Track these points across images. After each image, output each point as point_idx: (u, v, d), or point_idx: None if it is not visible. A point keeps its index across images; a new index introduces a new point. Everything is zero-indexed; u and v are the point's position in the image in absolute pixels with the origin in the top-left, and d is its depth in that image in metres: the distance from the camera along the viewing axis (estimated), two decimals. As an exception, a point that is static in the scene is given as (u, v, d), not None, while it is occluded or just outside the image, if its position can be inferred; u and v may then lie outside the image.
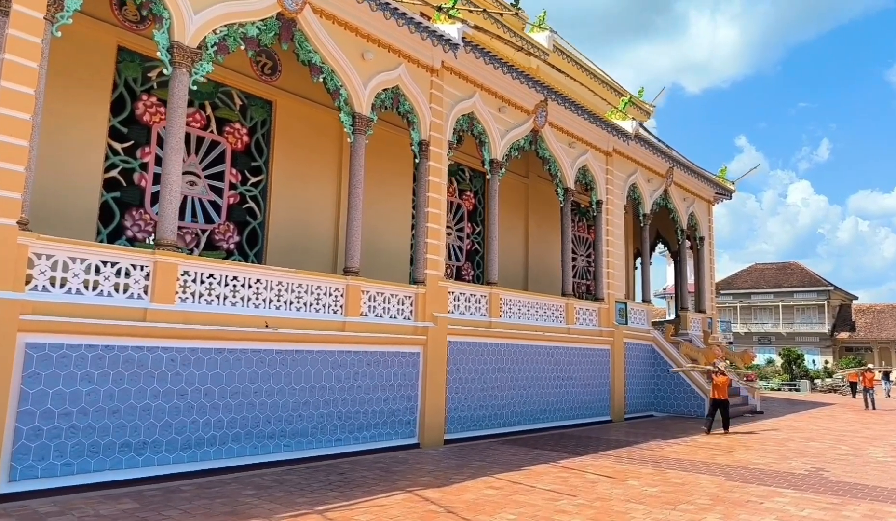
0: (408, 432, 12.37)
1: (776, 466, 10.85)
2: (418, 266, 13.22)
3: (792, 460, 11.56)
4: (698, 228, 25.60)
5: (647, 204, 21.87)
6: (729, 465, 10.80)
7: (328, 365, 10.99)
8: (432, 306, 13.14)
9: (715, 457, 11.68)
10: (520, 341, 15.54)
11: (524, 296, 16.23)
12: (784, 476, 9.86)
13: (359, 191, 11.95)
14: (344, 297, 11.51)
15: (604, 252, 19.45)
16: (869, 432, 16.42)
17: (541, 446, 12.69)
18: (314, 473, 9.25)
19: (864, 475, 10.14)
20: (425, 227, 13.29)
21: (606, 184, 19.73)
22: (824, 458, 11.89)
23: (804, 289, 67.88)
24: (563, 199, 18.01)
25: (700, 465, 10.72)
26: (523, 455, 11.36)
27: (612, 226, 19.90)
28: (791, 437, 15.09)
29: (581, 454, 11.66)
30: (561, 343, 17.02)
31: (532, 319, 16.28)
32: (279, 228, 13.80)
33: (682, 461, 11.05)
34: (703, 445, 13.22)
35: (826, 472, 10.35)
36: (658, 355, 20.91)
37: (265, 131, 13.90)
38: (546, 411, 16.12)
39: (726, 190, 26.71)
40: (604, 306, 19.07)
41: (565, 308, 17.51)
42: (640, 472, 9.91)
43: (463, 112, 14.47)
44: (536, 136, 16.81)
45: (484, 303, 14.79)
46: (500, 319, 15.12)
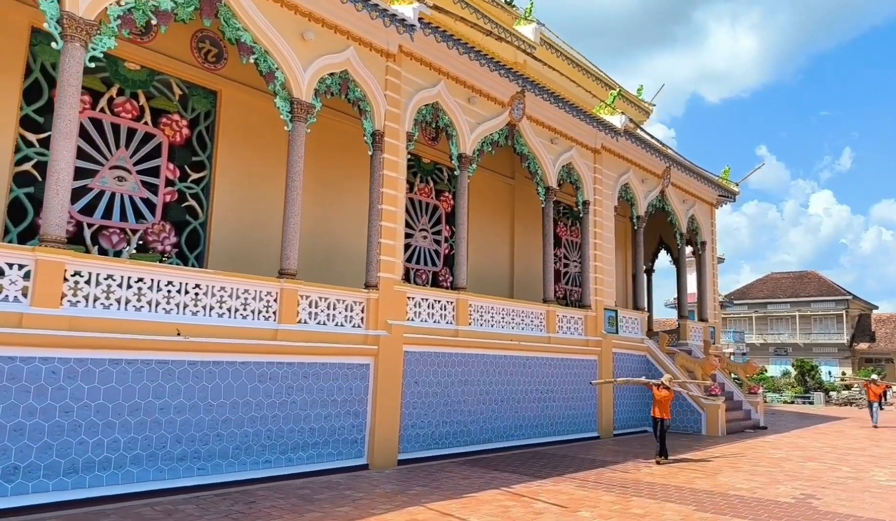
0: (354, 452, 11.15)
1: (761, 492, 9.48)
2: (371, 269, 12.04)
3: (781, 484, 10.18)
4: (699, 232, 24.19)
5: (641, 206, 20.54)
6: (707, 491, 9.45)
7: (255, 378, 9.81)
8: (386, 313, 11.94)
9: (694, 481, 10.32)
10: (492, 351, 14.29)
11: (498, 302, 14.98)
12: (765, 506, 8.51)
13: (297, 184, 10.81)
14: (277, 302, 10.35)
15: (590, 256, 18.14)
16: (877, 451, 14.91)
17: (504, 467, 11.40)
18: (219, 502, 8.07)
19: (860, 504, 8.75)
20: (379, 225, 12.12)
21: (594, 183, 18.44)
22: (819, 482, 10.49)
23: (822, 298, 65.70)
24: (545, 198, 16.77)
25: (673, 491, 9.39)
26: (476, 479, 10.10)
27: (601, 228, 18.59)
28: (789, 456, 13.65)
29: (544, 477, 10.37)
30: (541, 354, 15.73)
31: (507, 327, 15.01)
32: (224, 229, 12.71)
33: (654, 486, 9.72)
34: (686, 467, 11.86)
35: (816, 500, 8.97)
36: (653, 367, 19.50)
37: (209, 124, 12.84)
38: (522, 427, 14.81)
39: (730, 192, 25.29)
40: (591, 313, 17.74)
41: (546, 316, 16.22)
42: (600, 500, 8.61)
43: (425, 101, 13.31)
44: (513, 130, 15.61)
45: (450, 310, 13.56)
46: (469, 327, 13.87)
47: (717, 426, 17.95)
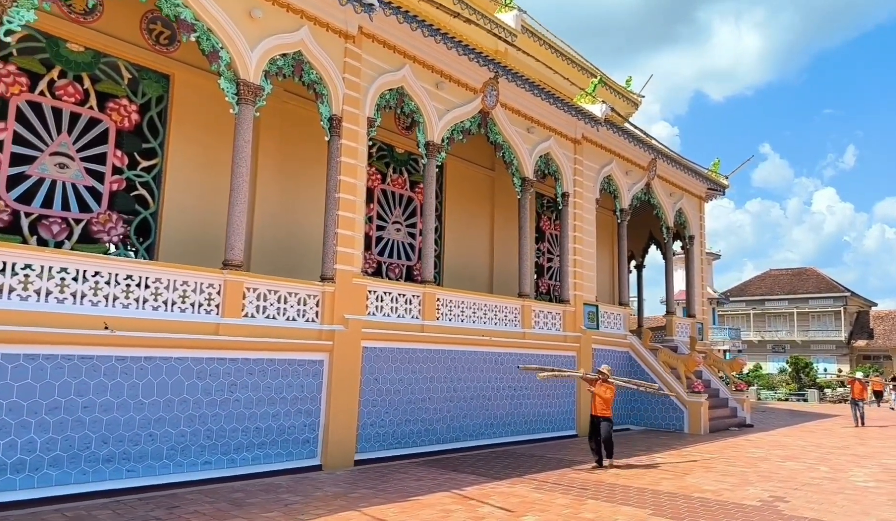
0: (306, 452, 10.60)
1: (727, 494, 8.92)
2: (327, 261, 11.49)
3: (752, 486, 9.62)
4: (687, 226, 23.61)
5: (625, 198, 19.96)
6: (670, 493, 8.89)
7: (193, 375, 9.26)
8: (344, 307, 11.39)
9: (661, 482, 9.77)
10: (462, 347, 13.73)
11: (469, 296, 14.42)
12: (727, 509, 7.95)
13: (243, 170, 10.25)
14: (221, 295, 9.79)
15: (570, 249, 17.57)
16: (862, 450, 14.34)
17: (465, 467, 10.85)
18: (139, 506, 7.52)
19: (829, 507, 8.20)
20: (336, 215, 11.56)
21: (574, 174, 17.87)
22: (792, 483, 9.92)
23: (820, 295, 65.05)
24: (521, 190, 16.20)
25: (634, 493, 8.83)
26: (430, 480, 9.54)
27: (582, 221, 18.03)
28: (768, 455, 13.08)
29: (503, 478, 9.82)
30: (515, 349, 15.17)
31: (479, 322, 14.46)
32: (177, 219, 12.13)
33: (616, 488, 9.16)
34: (657, 465, 11.29)
35: (784, 503, 8.41)
36: (636, 363, 18.96)
37: (161, 109, 12.28)
38: (493, 425, 14.26)
39: (719, 185, 24.71)
40: (569, 308, 17.17)
41: (521, 311, 15.66)
42: (553, 503, 8.05)
43: (389, 86, 12.74)
44: (486, 117, 15.04)
45: (416, 304, 13.00)
46: (437, 322, 13.32)
47: (699, 424, 17.39)
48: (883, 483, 10.18)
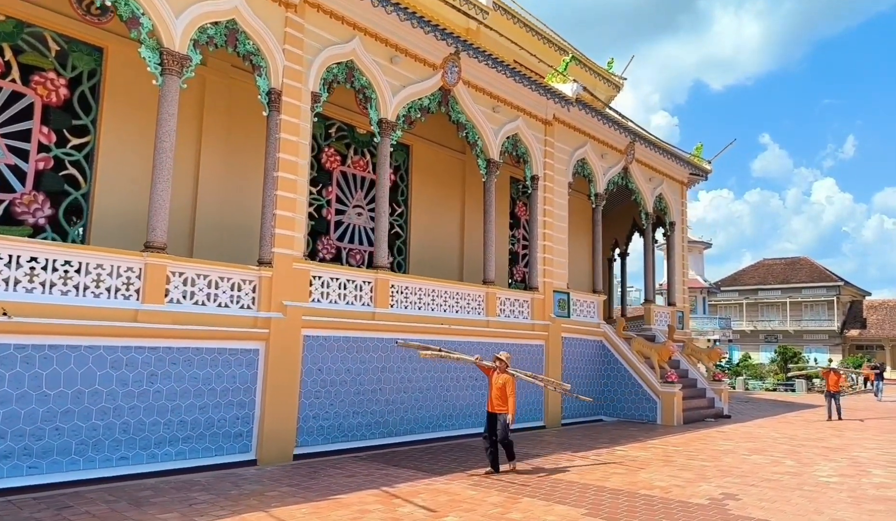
0: (239, 446, 9.99)
1: (677, 491, 8.33)
2: (264, 244, 10.84)
3: (707, 482, 9.03)
4: (668, 212, 22.96)
5: (600, 183, 19.30)
6: (615, 490, 8.31)
7: (107, 364, 8.64)
8: (283, 293, 10.76)
9: (610, 477, 9.18)
10: (418, 335, 13.09)
11: (427, 283, 13.79)
12: (670, 508, 7.36)
13: (166, 145, 9.58)
14: (141, 279, 9.16)
15: (539, 235, 16.93)
16: (835, 442, 13.77)
17: (408, 462, 10.26)
18: (27, 507, 6.91)
19: (781, 507, 7.61)
20: (274, 195, 10.89)
21: (545, 157, 17.19)
22: (751, 479, 9.34)
23: (813, 285, 64.52)
24: (487, 172, 15.53)
25: (577, 490, 8.24)
26: (364, 477, 8.95)
27: (552, 205, 17.37)
28: (736, 448, 12.51)
29: (443, 474, 9.23)
30: (478, 338, 14.56)
31: (438, 310, 13.85)
32: (111, 200, 11.49)
33: (559, 484, 8.57)
34: (614, 459, 10.70)
35: (734, 501, 7.82)
36: (609, 353, 18.38)
37: (93, 84, 11.59)
38: (452, 417, 13.67)
39: (701, 170, 24.04)
40: (538, 296, 16.55)
41: (485, 298, 15.04)
42: (483, 502, 7.46)
43: (337, 59, 12.05)
44: (447, 95, 14.36)
45: (367, 290, 12.37)
46: (390, 309, 12.70)
47: (672, 415, 16.82)
48: (847, 479, 9.60)
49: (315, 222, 15.26)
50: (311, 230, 15.18)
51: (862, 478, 9.71)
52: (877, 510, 7.66)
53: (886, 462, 11.35)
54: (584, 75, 24.57)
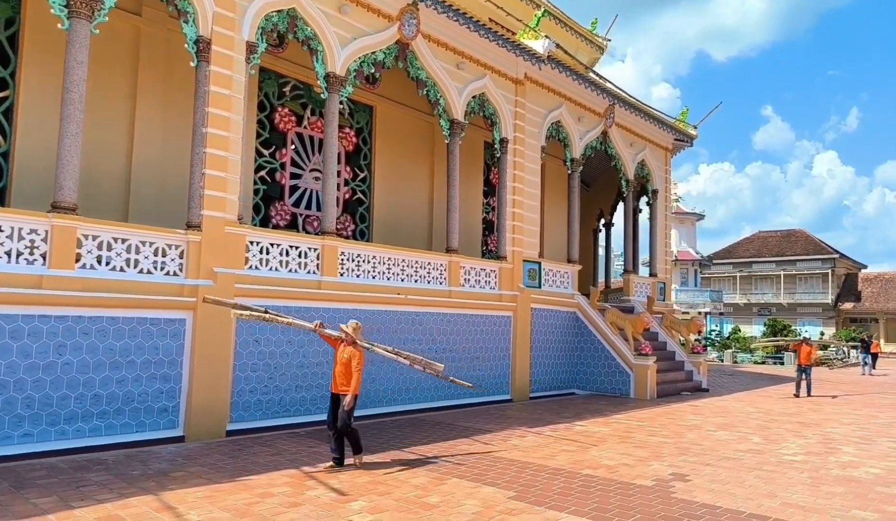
0: (164, 422, 9.32)
1: (624, 471, 7.68)
2: (193, 206, 10.06)
3: (661, 460, 8.39)
4: (651, 180, 22.12)
5: (576, 147, 18.44)
6: (558, 469, 7.66)
7: (5, 334, 7.92)
8: (214, 259, 10.00)
9: (557, 455, 8.53)
10: (371, 305, 12.41)
11: (382, 250, 13.04)
12: (609, 491, 6.71)
13: (74, 96, 8.73)
14: (47, 242, 8.40)
15: (508, 201, 16.13)
16: (812, 417, 13.15)
17: (347, 441, 9.59)
18: None
19: (732, 489, 6.97)
20: (203, 153, 10.08)
21: (515, 119, 16.33)
22: (709, 457, 8.70)
23: (808, 257, 63.75)
24: (450, 133, 14.70)
25: (515, 469, 7.60)
26: (289, 455, 8.29)
27: (523, 170, 16.55)
28: (703, 423, 11.88)
29: (377, 451, 8.58)
30: (439, 309, 13.87)
31: (395, 279, 13.12)
32: (34, 160, 10.68)
33: (499, 462, 7.92)
34: (570, 436, 10.05)
35: (683, 483, 7.18)
36: (583, 324, 17.71)
37: (11, 34, 10.72)
38: (410, 390, 13.02)
39: (686, 136, 23.14)
40: (506, 265, 15.81)
41: (448, 267, 14.31)
42: (404, 484, 6.81)
43: (277, 6, 11.14)
44: (405, 50, 13.46)
45: (314, 258, 11.63)
46: (340, 278, 11.96)
47: (646, 389, 16.20)
48: (813, 457, 8.96)
49: (267, 187, 14.47)
50: (263, 195, 14.42)
51: (829, 456, 9.07)
52: (835, 492, 7.01)
53: (860, 439, 10.73)
54: (565, 36, 23.56)
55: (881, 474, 8.02)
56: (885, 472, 8.13)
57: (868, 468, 8.36)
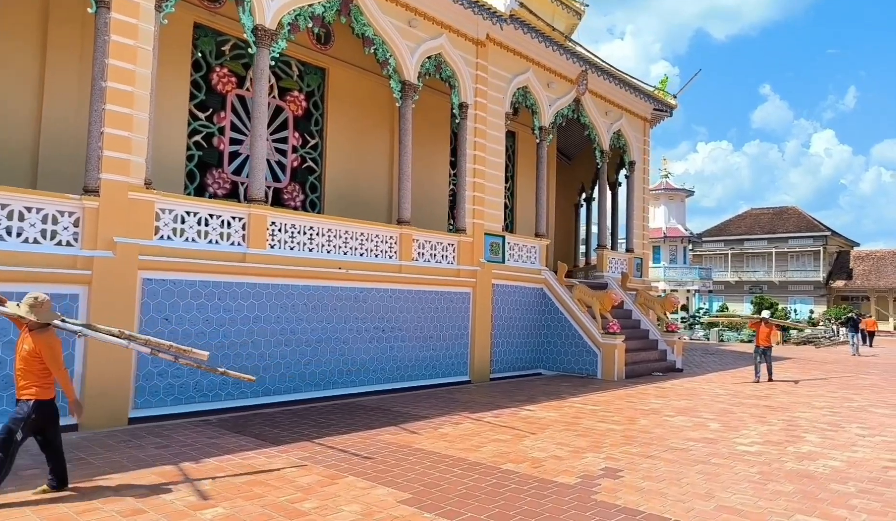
0: (54, 409, 8.38)
1: (551, 465, 6.78)
2: (90, 168, 9.04)
3: (598, 452, 7.50)
4: (628, 151, 21.09)
5: (546, 115, 17.39)
6: (475, 464, 6.78)
7: None
8: (116, 228, 9.02)
9: (483, 446, 7.64)
10: (306, 281, 11.46)
11: (321, 221, 12.05)
12: (521, 492, 5.83)
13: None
14: None
15: (468, 170, 15.11)
16: (782, 400, 12.30)
17: (257, 428, 8.71)
18: None
19: (665, 489, 6.09)
20: (101, 110, 9.05)
21: (476, 82, 15.25)
22: (654, 447, 7.83)
23: (800, 235, 62.84)
24: (402, 95, 13.65)
25: (426, 465, 6.71)
26: (179, 447, 7.39)
27: (485, 138, 15.51)
28: (664, 407, 11.03)
29: (282, 443, 7.70)
30: (388, 285, 12.93)
31: (337, 252, 12.15)
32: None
33: (412, 456, 7.03)
34: (510, 422, 9.17)
35: (612, 480, 6.30)
36: (550, 301, 16.79)
37: None
38: (352, 373, 12.11)
39: (666, 105, 22.08)
40: (466, 238, 14.85)
41: (399, 240, 13.33)
42: (291, 483, 5.90)
43: (191, -49, 10.04)
44: (348, 4, 12.36)
45: (238, 227, 10.64)
46: (269, 250, 10.99)
47: (613, 369, 15.34)
48: (770, 448, 8.09)
49: (203, 153, 13.43)
50: (198, 162, 13.39)
51: (788, 446, 8.20)
52: (783, 491, 6.13)
53: (827, 425, 9.87)
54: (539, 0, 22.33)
55: (840, 467, 7.15)
56: (845, 465, 7.26)
57: (827, 460, 7.49)
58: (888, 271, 59.82)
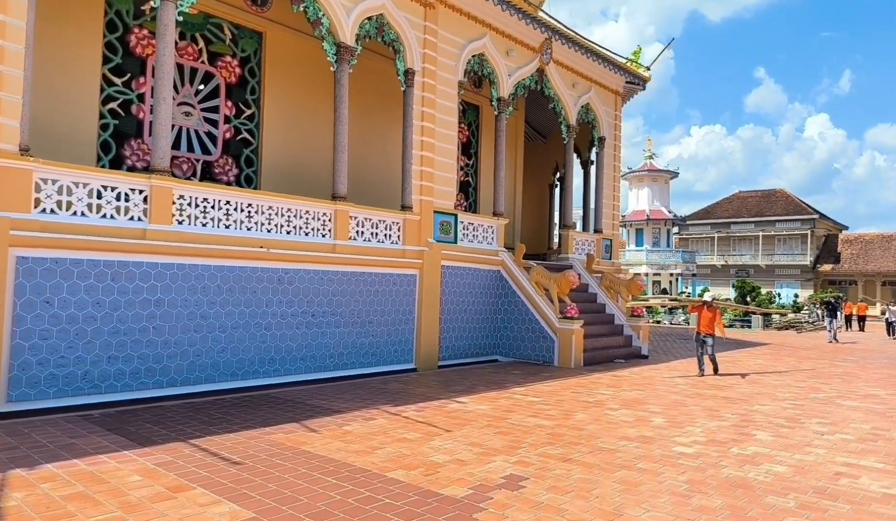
0: None
1: (448, 472, 5.80)
2: (-52, 131, 7.94)
3: (509, 455, 6.53)
4: (598, 126, 20.03)
5: (504, 85, 16.30)
6: (357, 472, 5.80)
7: None
8: (-20, 199, 7.94)
9: (378, 449, 6.65)
10: (223, 260, 10.42)
11: (240, 195, 10.97)
12: (397, 506, 4.91)
13: None
14: None
15: (414, 143, 14.04)
16: (744, 390, 11.39)
17: (138, 424, 7.72)
18: None
19: (569, 503, 5.14)
20: (-40, 64, 7.94)
21: (424, 47, 14.13)
22: (579, 448, 6.87)
23: (787, 218, 62.00)
24: (337, 59, 12.54)
25: (301, 473, 5.74)
26: (27, 449, 6.38)
27: (434, 108, 14.43)
28: (611, 399, 10.10)
29: (153, 443, 6.71)
30: (321, 265, 11.91)
31: (259, 230, 11.10)
32: None
33: (294, 460, 6.06)
34: (429, 418, 8.22)
35: (510, 491, 5.33)
36: (507, 284, 15.81)
37: None
38: (274, 361, 11.12)
39: (638, 78, 21.00)
40: (412, 217, 13.81)
41: (334, 217, 12.29)
42: (125, 495, 4.92)
43: None
44: (272, -43, 11.19)
45: (139, 201, 9.56)
46: (174, 227, 9.91)
47: (570, 356, 14.40)
48: (712, 448, 7.17)
49: (119, 122, 12.31)
50: (113, 131, 12.27)
51: (733, 447, 7.27)
52: (708, 506, 5.19)
53: (784, 420, 8.97)
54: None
55: (784, 473, 6.22)
56: (792, 470, 6.33)
57: (773, 464, 6.56)
58: (876, 255, 59.20)
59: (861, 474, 6.31)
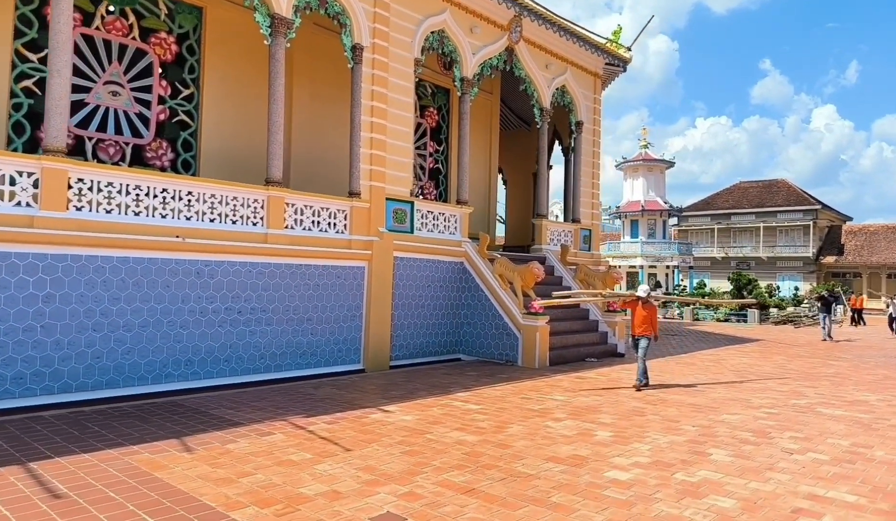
0: None
1: (305, 513, 4.72)
2: None
3: (403, 483, 5.44)
4: (574, 110, 18.85)
5: (468, 65, 15.15)
6: (197, 509, 4.74)
7: None
8: None
9: (243, 478, 5.54)
10: (130, 251, 9.36)
11: (151, 179, 9.89)
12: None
13: None
14: None
15: (363, 124, 12.92)
16: (717, 395, 10.23)
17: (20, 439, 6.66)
18: None
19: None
20: None
21: (374, 21, 13.00)
22: (492, 473, 5.78)
23: (789, 208, 60.48)
24: (271, 32, 11.43)
25: (121, 513, 4.67)
26: None
27: (387, 87, 13.30)
28: (561, 407, 8.98)
29: (37, 459, 5.63)
30: (249, 257, 10.86)
31: (176, 217, 10.03)
32: None
33: (132, 491, 5.02)
34: (331, 435, 7.16)
35: None
36: (470, 277, 14.71)
37: None
38: (190, 363, 10.06)
39: (619, 59, 19.79)
40: (360, 204, 12.71)
41: (267, 204, 11.20)
42: None
43: None
44: (191, -85, 10.06)
45: (27, 185, 8.50)
46: (72, 213, 8.87)
47: (534, 355, 13.32)
48: (652, 473, 6.07)
49: (35, 101, 11.22)
50: (27, 111, 11.19)
51: (678, 472, 6.16)
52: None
53: (751, 433, 7.85)
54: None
55: (729, 510, 5.12)
56: (741, 506, 5.23)
57: (719, 497, 5.46)
58: (881, 247, 57.71)
59: (826, 510, 5.19)
